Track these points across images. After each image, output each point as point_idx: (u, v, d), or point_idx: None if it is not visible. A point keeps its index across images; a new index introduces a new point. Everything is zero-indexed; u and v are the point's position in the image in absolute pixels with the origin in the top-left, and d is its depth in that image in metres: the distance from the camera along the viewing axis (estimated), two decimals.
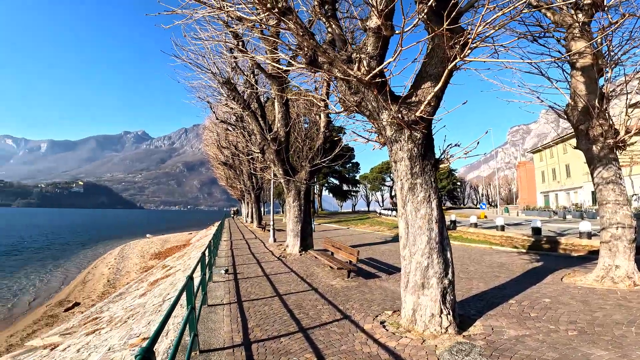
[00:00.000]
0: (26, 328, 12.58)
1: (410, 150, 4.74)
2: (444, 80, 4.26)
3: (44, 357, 7.74)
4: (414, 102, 4.62)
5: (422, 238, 4.76)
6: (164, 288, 10.91)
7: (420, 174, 4.79)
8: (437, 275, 4.71)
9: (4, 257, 28.17)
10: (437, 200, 4.86)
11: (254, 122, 12.35)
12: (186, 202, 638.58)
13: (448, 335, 4.59)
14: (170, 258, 22.33)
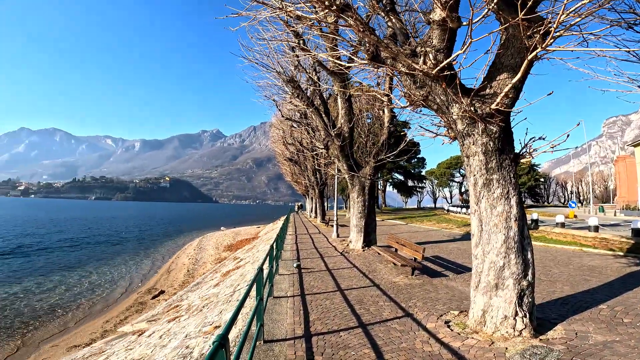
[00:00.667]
0: (119, 314, 13.75)
1: (484, 144, 4.49)
2: (523, 71, 3.96)
3: (131, 343, 8.30)
4: (488, 95, 4.37)
5: (498, 237, 4.49)
6: (234, 279, 11.49)
7: (497, 169, 4.51)
8: (514, 276, 4.42)
9: (105, 246, 32.70)
10: (517, 197, 4.55)
11: (318, 118, 12.61)
12: (255, 196, 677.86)
13: (522, 339, 4.28)
14: (240, 250, 23.56)
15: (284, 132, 31.65)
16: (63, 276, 19.48)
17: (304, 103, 12.52)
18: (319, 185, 31.20)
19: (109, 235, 42.30)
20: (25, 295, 15.59)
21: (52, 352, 10.18)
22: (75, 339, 11.19)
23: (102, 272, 21.27)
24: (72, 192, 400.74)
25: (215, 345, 2.26)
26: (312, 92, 13.52)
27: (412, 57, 4.35)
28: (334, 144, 12.14)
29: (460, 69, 4.24)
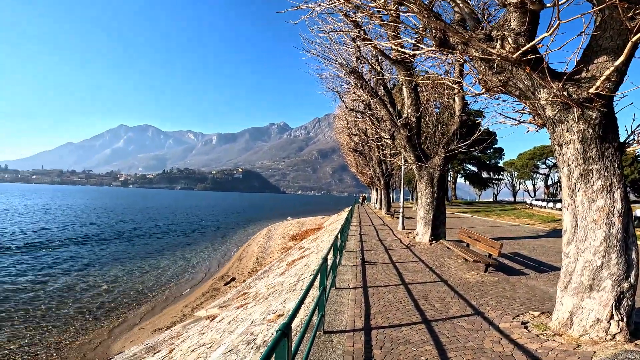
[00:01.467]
0: (196, 300, 14.46)
1: (582, 131, 4.06)
2: (626, 53, 3.50)
3: (204, 327, 8.59)
4: (584, 79, 3.93)
5: (597, 234, 4.04)
6: (299, 268, 11.67)
7: (597, 158, 4.05)
8: (613, 278, 3.96)
9: (189, 234, 36.10)
10: (622, 191, 4.03)
11: (383, 108, 12.36)
12: (320, 187, 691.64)
13: (614, 343, 3.82)
14: (305, 240, 24.06)
15: (348, 123, 31.62)
16: (156, 260, 21.91)
17: (368, 94, 12.36)
18: (385, 177, 30.64)
19: (191, 223, 47.01)
20: (128, 277, 17.74)
21: (139, 334, 11.12)
22: (159, 321, 12.16)
23: (186, 258, 23.25)
24: (161, 182, 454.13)
25: (278, 333, 2.34)
26: (376, 82, 13.27)
27: (486, 41, 4.04)
28: (401, 134, 11.81)
29: (548, 52, 3.86)
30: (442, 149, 11.90)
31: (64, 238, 28.24)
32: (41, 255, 21.49)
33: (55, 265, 19.15)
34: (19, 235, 28.97)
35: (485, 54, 4.00)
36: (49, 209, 60.50)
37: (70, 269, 18.46)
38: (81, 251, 23.33)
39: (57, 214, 50.76)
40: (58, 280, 16.43)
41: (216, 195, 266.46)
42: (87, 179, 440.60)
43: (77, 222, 41.91)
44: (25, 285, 15.30)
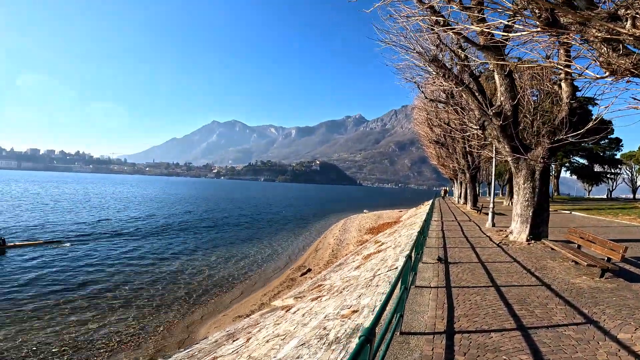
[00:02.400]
0: (274, 289, 14.73)
1: None
2: None
3: (279, 318, 8.61)
4: None
5: None
6: (375, 263, 11.36)
7: None
8: None
9: (272, 224, 38.36)
10: None
11: (470, 97, 11.48)
12: (397, 180, 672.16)
13: None
14: (382, 234, 23.49)
15: (429, 113, 30.07)
16: (243, 249, 23.48)
17: (452, 82, 11.57)
18: (471, 169, 28.45)
19: (274, 214, 50.08)
20: (218, 264, 19.07)
21: (223, 320, 11.62)
22: (241, 309, 12.61)
23: (268, 248, 24.43)
24: (247, 174, 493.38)
25: (361, 340, 2.22)
26: (460, 70, 12.34)
27: (612, 21, 3.49)
28: (493, 124, 10.83)
29: None
30: (547, 139, 10.55)
31: (168, 225, 32.33)
32: (144, 242, 24.16)
33: (156, 252, 21.14)
34: (140, 221, 34.60)
35: (612, 34, 3.46)
36: (160, 198, 70.74)
37: (170, 256, 20.30)
38: (182, 239, 26.01)
39: (167, 203, 59.00)
40: (159, 266, 18.03)
41: (295, 186, 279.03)
42: (188, 170, 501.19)
43: (181, 210, 48.31)
44: (127, 269, 17.00)
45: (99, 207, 45.06)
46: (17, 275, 14.92)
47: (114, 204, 50.99)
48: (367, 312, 5.86)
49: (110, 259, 18.62)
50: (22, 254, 18.46)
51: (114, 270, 16.61)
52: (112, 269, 16.75)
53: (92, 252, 19.78)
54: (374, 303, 6.27)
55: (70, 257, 18.26)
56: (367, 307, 6.20)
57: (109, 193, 75.43)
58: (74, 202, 50.42)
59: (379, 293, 6.86)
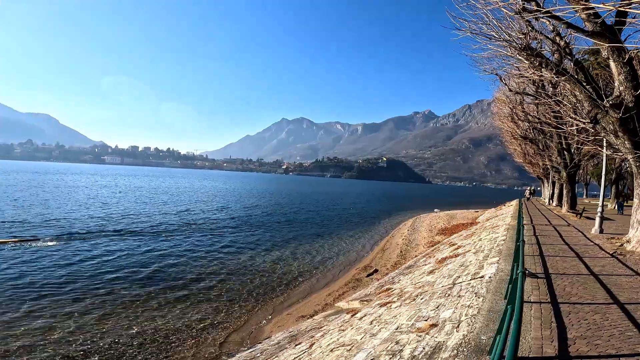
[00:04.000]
0: (339, 289, 14.36)
1: None
2: None
3: (344, 323, 8.14)
4: None
5: None
6: (452, 269, 10.51)
7: None
8: None
9: (339, 221, 38.07)
10: None
11: (578, 87, 10.13)
12: (472, 178, 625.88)
13: None
14: (456, 235, 22.11)
15: (513, 107, 27.40)
16: (309, 246, 23.40)
17: (551, 72, 10.30)
18: (569, 168, 25.20)
19: (340, 210, 50.46)
20: (284, 261, 19.00)
21: (286, 319, 11.43)
22: (304, 308, 12.36)
23: (334, 245, 23.97)
24: (314, 170, 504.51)
25: None
26: (559, 58, 10.95)
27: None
28: (609, 116, 9.43)
29: None
30: None
31: (239, 219, 33.94)
32: (214, 236, 24.81)
33: (227, 246, 21.51)
34: (215, 214, 37.61)
35: None
36: (240, 192, 76.24)
37: (239, 251, 20.56)
38: (250, 234, 26.59)
39: (247, 197, 63.37)
40: (228, 260, 18.20)
41: (361, 183, 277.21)
42: (260, 166, 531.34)
43: (252, 204, 51.46)
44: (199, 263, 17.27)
45: (187, 200, 50.06)
46: (88, 267, 15.36)
47: (200, 197, 56.48)
48: (450, 329, 5.14)
49: (179, 252, 19.04)
50: (101, 245, 19.19)
51: (183, 262, 17.03)
52: (180, 262, 17.10)
53: (161, 244, 20.65)
54: (457, 317, 5.53)
55: (143, 249, 18.94)
56: (450, 322, 5.44)
57: (197, 187, 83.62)
58: (168, 194, 57.11)
59: (463, 305, 6.10)
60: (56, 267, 14.64)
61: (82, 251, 17.47)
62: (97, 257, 16.59)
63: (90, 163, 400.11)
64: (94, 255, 16.72)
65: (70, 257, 16.19)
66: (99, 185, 68.49)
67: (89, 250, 17.75)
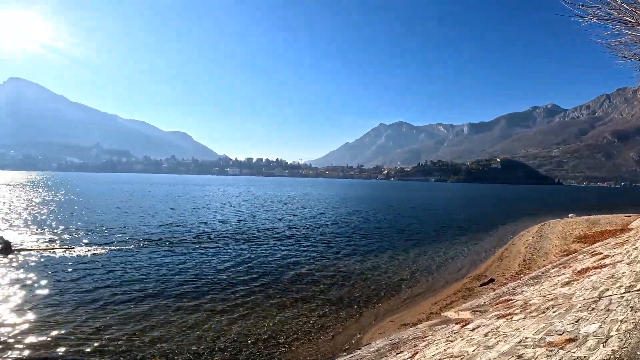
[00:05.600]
0: (446, 298, 13.66)
1: None
2: None
3: (453, 334, 7.62)
4: None
5: None
6: (598, 280, 9.08)
7: None
8: None
9: (446, 227, 35.71)
10: None
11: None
12: (619, 177, 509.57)
13: None
14: (600, 244, 18.40)
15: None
16: (412, 252, 22.27)
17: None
18: None
19: (449, 214, 47.87)
20: (387, 267, 18.42)
21: (388, 326, 11.06)
22: (407, 316, 11.94)
23: (441, 252, 22.55)
24: (417, 175, 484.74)
25: None
26: None
27: None
28: None
29: None
30: None
31: (344, 224, 34.72)
32: (318, 240, 25.53)
33: (333, 252, 21.49)
34: (320, 219, 39.78)
35: None
36: (343, 198, 79.45)
37: (342, 257, 20.24)
38: (355, 238, 26.55)
39: (351, 204, 65.68)
40: (333, 266, 18.13)
41: (471, 186, 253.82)
42: (361, 173, 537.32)
43: (356, 209, 52.95)
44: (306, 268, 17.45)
45: (298, 207, 54.40)
46: (192, 269, 16.43)
47: (309, 204, 60.76)
48: (594, 344, 4.50)
49: (287, 258, 19.44)
50: (195, 249, 20.48)
51: (289, 268, 17.31)
52: (287, 268, 17.40)
53: (269, 249, 21.29)
54: (605, 332, 4.85)
55: (257, 255, 19.69)
56: (594, 337, 4.71)
57: (305, 195, 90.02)
58: (282, 202, 63.35)
59: (613, 320, 5.26)
60: (190, 268, 16.54)
61: (219, 254, 19.43)
62: (224, 261, 18.22)
63: (217, 175, 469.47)
64: (224, 259, 18.48)
65: (204, 259, 18.28)
66: (230, 194, 78.94)
67: (223, 254, 19.64)
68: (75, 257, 17.72)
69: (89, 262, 16.73)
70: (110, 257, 17.91)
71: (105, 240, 22.05)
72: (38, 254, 18.08)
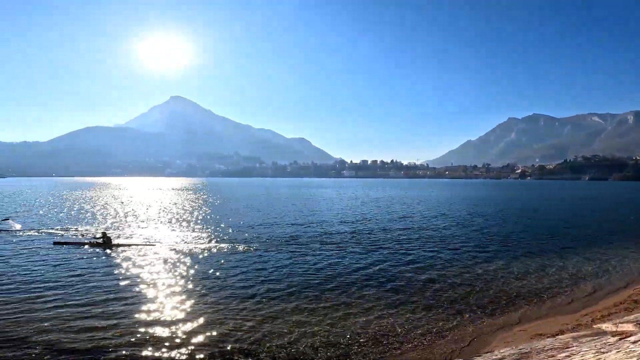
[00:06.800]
0: (603, 310, 12.06)
1: None
2: None
3: (606, 345, 6.86)
4: None
5: None
6: None
7: None
8: None
9: (612, 232, 29.29)
10: None
11: None
12: None
13: None
14: None
15: None
16: (561, 257, 19.66)
17: None
18: None
19: (616, 218, 39.08)
20: (526, 272, 16.51)
21: (517, 335, 10.16)
22: (545, 326, 10.75)
23: (599, 260, 19.33)
24: (563, 173, 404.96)
25: None
26: None
27: None
28: None
29: None
30: None
31: (474, 226, 32.32)
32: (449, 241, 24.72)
33: (462, 253, 20.51)
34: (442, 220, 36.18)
35: None
36: (469, 200, 71.96)
37: (473, 259, 19.21)
38: (488, 242, 24.36)
39: (478, 205, 58.84)
40: (464, 268, 17.27)
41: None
42: (487, 172, 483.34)
43: (486, 211, 46.51)
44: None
45: (420, 209, 51.51)
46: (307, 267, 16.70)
47: (431, 205, 57.10)
48: None
49: (415, 258, 19.19)
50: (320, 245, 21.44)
51: (414, 269, 16.96)
52: (412, 268, 17.09)
53: (387, 251, 20.97)
54: None
55: (385, 256, 19.49)
56: None
57: (426, 197, 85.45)
58: (402, 204, 61.13)
59: None
60: (323, 268, 16.83)
61: (349, 255, 19.56)
62: (354, 262, 18.16)
63: (334, 177, 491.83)
64: (354, 261, 18.46)
65: (334, 260, 18.46)
66: (348, 196, 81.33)
67: (353, 255, 19.67)
68: (220, 253, 19.30)
69: (236, 260, 17.99)
70: (249, 255, 18.97)
71: (243, 238, 23.82)
72: (186, 248, 20.58)
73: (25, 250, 19.48)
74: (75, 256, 18.40)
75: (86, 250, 19.98)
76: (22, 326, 9.74)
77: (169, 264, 16.94)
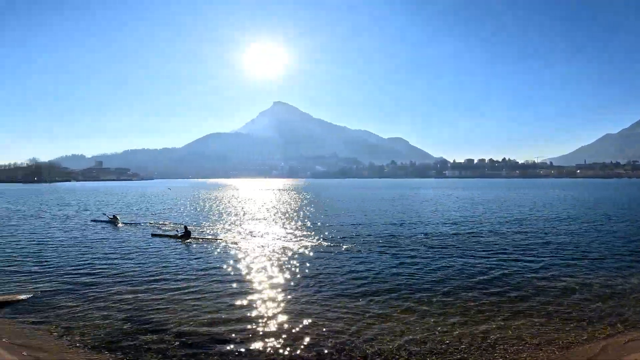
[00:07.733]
0: None
1: None
2: None
3: None
4: None
5: None
6: None
7: None
8: None
9: None
10: None
11: None
12: None
13: None
14: None
15: None
16: None
17: None
18: None
19: None
20: None
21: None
22: None
23: None
24: None
25: None
26: None
27: None
28: None
29: None
30: None
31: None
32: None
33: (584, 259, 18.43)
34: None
35: None
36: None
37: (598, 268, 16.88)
38: None
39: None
40: (583, 276, 15.39)
41: None
42: (633, 170, 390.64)
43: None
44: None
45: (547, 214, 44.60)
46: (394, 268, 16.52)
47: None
48: None
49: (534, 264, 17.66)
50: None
51: (531, 275, 15.51)
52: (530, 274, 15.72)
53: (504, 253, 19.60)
54: None
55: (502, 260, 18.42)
56: None
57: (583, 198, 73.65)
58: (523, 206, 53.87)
59: None
60: (421, 269, 16.53)
61: (453, 258, 18.70)
62: (455, 265, 17.38)
63: (434, 177, 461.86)
64: (455, 264, 17.58)
65: (435, 262, 17.78)
66: (455, 197, 76.17)
67: (458, 259, 18.72)
68: (327, 252, 19.94)
69: (344, 258, 18.47)
70: (355, 255, 19.21)
71: (350, 237, 24.35)
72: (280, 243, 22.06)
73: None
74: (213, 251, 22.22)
75: (218, 244, 23.56)
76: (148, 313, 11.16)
77: (278, 259, 18.16)
